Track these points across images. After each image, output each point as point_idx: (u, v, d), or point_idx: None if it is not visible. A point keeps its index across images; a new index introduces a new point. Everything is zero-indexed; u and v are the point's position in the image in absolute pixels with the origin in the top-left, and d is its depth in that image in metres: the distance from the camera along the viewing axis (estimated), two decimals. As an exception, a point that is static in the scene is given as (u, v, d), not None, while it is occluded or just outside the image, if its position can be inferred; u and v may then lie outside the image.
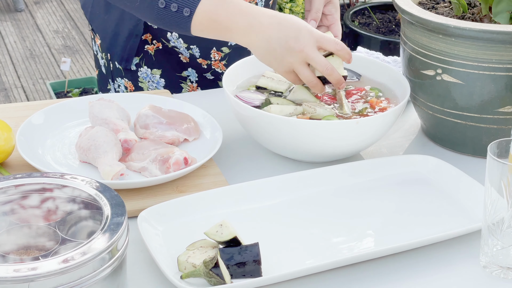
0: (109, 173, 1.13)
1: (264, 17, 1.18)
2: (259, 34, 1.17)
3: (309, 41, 1.16)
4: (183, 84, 1.53)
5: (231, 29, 1.19)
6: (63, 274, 0.84)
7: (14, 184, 0.98)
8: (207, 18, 1.19)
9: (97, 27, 1.54)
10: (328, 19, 1.48)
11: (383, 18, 3.65)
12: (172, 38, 1.47)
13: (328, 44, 1.18)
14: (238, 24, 1.18)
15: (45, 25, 4.48)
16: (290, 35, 1.16)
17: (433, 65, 1.22)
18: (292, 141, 1.18)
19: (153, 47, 1.49)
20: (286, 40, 1.16)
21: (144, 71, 1.51)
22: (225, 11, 1.18)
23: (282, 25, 1.17)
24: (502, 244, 0.99)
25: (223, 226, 0.99)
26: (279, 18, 1.17)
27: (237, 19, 1.18)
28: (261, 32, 1.17)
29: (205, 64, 1.50)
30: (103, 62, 1.57)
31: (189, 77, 1.52)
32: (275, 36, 1.16)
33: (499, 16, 1.21)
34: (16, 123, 1.29)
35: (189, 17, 1.17)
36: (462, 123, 1.23)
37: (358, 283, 0.99)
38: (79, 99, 1.35)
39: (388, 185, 1.17)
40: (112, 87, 1.57)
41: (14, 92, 3.76)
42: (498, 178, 0.96)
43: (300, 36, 1.16)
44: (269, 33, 1.17)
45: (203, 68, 1.51)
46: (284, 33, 1.16)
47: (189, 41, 1.47)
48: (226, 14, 1.18)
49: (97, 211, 0.96)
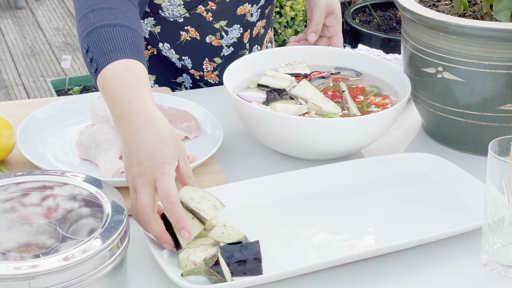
0: (109, 170, 1.13)
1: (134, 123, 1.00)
2: (122, 131, 1.01)
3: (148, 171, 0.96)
4: (178, 90, 1.52)
5: (111, 108, 1.04)
6: (64, 272, 0.84)
7: (14, 181, 0.98)
8: (101, 85, 1.05)
9: None
10: (329, 30, 1.48)
11: (384, 15, 3.65)
12: (163, 48, 1.47)
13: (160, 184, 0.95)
14: (117, 109, 1.02)
15: (46, 23, 4.48)
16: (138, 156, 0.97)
17: (434, 63, 1.21)
18: (292, 139, 1.18)
19: (148, 52, 1.49)
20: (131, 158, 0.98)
21: None
22: (113, 89, 1.04)
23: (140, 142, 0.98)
24: (503, 242, 0.99)
25: (228, 227, 0.98)
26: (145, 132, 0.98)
27: (114, 106, 1.03)
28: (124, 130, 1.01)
29: (198, 75, 1.50)
30: None
31: (184, 83, 1.52)
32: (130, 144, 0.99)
33: (500, 14, 1.20)
34: (16, 120, 1.29)
35: (95, 73, 1.07)
36: (463, 121, 1.23)
37: (359, 280, 0.99)
38: (79, 96, 1.35)
39: (388, 183, 1.17)
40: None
41: (15, 90, 3.76)
42: (499, 176, 0.96)
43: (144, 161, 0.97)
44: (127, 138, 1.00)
45: (196, 78, 1.51)
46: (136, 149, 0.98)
47: (181, 52, 1.47)
48: (109, 93, 1.04)
49: (97, 208, 0.96)
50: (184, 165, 0.99)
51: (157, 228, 0.96)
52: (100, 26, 1.09)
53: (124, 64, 1.06)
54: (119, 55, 1.07)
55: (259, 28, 1.52)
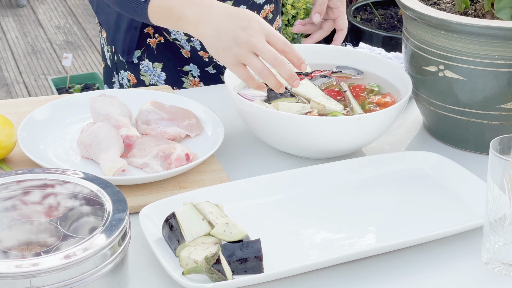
0: (110, 169, 1.13)
1: (216, 8, 1.17)
2: (209, 25, 1.16)
3: (257, 31, 1.14)
4: (185, 78, 1.53)
5: (181, 18, 1.19)
6: (65, 270, 0.84)
7: (15, 180, 0.98)
8: (161, 6, 1.20)
9: (102, 20, 1.55)
10: (334, 12, 1.47)
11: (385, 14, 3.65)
12: (173, 30, 1.47)
13: (277, 41, 1.15)
14: (189, 15, 1.18)
15: (47, 21, 4.48)
16: (239, 25, 1.14)
17: (435, 61, 1.21)
18: (293, 138, 1.18)
19: (155, 40, 1.49)
20: (234, 30, 1.14)
21: (145, 64, 1.52)
22: (178, 0, 1.19)
23: (232, 16, 1.15)
24: (504, 241, 0.99)
25: (230, 225, 0.98)
26: (231, 10, 1.16)
27: (188, 9, 1.18)
28: (211, 22, 1.16)
29: (207, 57, 1.50)
30: (108, 55, 1.58)
31: (191, 72, 1.52)
32: (224, 27, 1.15)
33: (501, 12, 1.20)
34: (17, 118, 1.29)
35: (146, 2, 1.19)
36: (464, 119, 1.23)
37: (360, 279, 0.99)
38: (80, 94, 1.34)
39: (390, 181, 1.17)
40: (116, 80, 1.58)
41: (16, 88, 3.76)
42: (500, 175, 0.96)
43: (248, 27, 1.14)
44: (218, 24, 1.15)
45: (205, 61, 1.51)
46: (233, 23, 1.15)
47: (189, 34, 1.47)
48: (179, 3, 1.19)
49: (98, 207, 0.96)
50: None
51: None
52: None
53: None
54: None
55: (266, 12, 1.52)
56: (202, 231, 0.99)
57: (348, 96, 1.26)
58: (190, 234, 0.99)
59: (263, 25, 1.14)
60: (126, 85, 1.55)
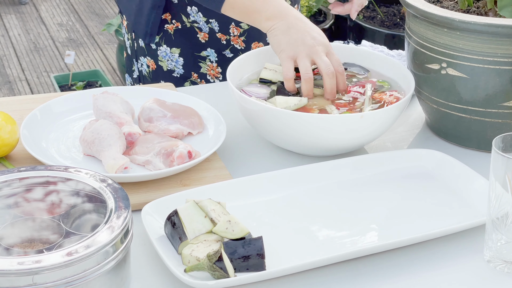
0: (113, 166, 1.13)
1: (293, 12, 1.29)
2: (284, 22, 1.27)
3: (322, 44, 1.25)
4: (202, 63, 1.54)
5: (260, 11, 1.29)
6: (67, 267, 0.84)
7: (18, 177, 0.98)
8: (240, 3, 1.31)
9: (123, 7, 1.57)
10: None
11: (388, 11, 3.64)
12: (192, 12, 1.48)
13: (334, 60, 1.26)
14: (269, 9, 1.29)
15: (49, 18, 4.48)
16: (310, 32, 1.26)
17: (438, 59, 1.21)
18: (296, 135, 1.18)
19: (173, 26, 1.51)
20: (304, 33, 1.25)
21: (163, 50, 1.53)
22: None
23: (306, 23, 1.27)
24: (506, 239, 0.99)
25: (232, 223, 0.98)
26: (305, 18, 1.29)
27: (270, 5, 1.29)
28: (287, 21, 1.27)
29: (224, 40, 1.51)
30: (129, 43, 1.61)
31: (209, 57, 1.53)
32: (297, 27, 1.26)
33: (504, 10, 1.20)
34: (20, 116, 1.29)
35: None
36: (466, 117, 1.23)
37: (362, 277, 0.99)
38: (83, 92, 1.35)
39: (392, 179, 1.17)
40: (136, 68, 1.60)
41: (18, 85, 3.77)
42: (502, 173, 0.96)
43: (316, 37, 1.26)
44: (293, 23, 1.26)
45: (222, 44, 1.52)
46: (305, 28, 1.26)
47: (208, 15, 1.49)
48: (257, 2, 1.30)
49: (101, 204, 0.96)
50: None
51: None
52: None
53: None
54: None
55: None
56: (204, 228, 0.99)
57: (366, 99, 1.25)
58: (192, 232, 0.99)
59: (328, 43, 1.27)
60: (145, 71, 1.57)
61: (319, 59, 1.24)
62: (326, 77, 1.23)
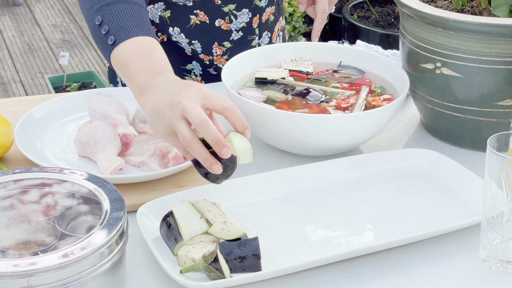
0: (108, 167, 1.13)
1: (164, 80, 1.06)
2: (152, 94, 1.05)
3: (192, 94, 1.01)
4: (187, 77, 1.53)
5: (132, 80, 1.09)
6: (63, 269, 0.84)
7: (13, 179, 0.98)
8: (121, 59, 1.11)
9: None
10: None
11: (382, 11, 3.65)
12: (173, 33, 1.47)
13: (214, 101, 1.00)
14: (140, 80, 1.08)
15: (44, 19, 4.47)
16: (176, 90, 1.02)
17: (432, 58, 1.21)
18: (291, 135, 1.18)
19: (158, 39, 1.49)
20: (171, 95, 1.02)
21: None
22: (136, 62, 1.10)
23: (175, 84, 1.04)
24: (502, 238, 0.99)
25: (228, 223, 0.98)
26: (177, 80, 1.06)
27: (141, 75, 1.08)
28: (155, 91, 1.05)
29: (207, 60, 1.51)
30: None
31: (194, 70, 1.52)
32: (164, 93, 1.03)
33: (498, 9, 1.20)
34: (14, 117, 1.29)
35: (112, 45, 1.13)
36: (461, 116, 1.23)
37: (358, 276, 0.99)
38: (77, 93, 1.34)
39: (387, 178, 1.17)
40: (120, 79, 1.58)
41: (13, 87, 3.76)
42: (497, 172, 0.96)
43: (184, 91, 1.01)
44: (160, 92, 1.04)
45: (206, 63, 1.52)
46: (172, 89, 1.03)
47: (190, 37, 1.48)
48: (137, 65, 1.09)
49: (96, 206, 0.95)
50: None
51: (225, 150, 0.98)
52: (115, 2, 1.14)
53: (144, 40, 1.12)
54: (138, 32, 1.13)
55: (268, 14, 1.53)
56: (200, 229, 0.99)
57: (359, 100, 1.25)
58: (188, 233, 0.99)
59: (201, 89, 1.01)
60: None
61: (187, 113, 0.98)
62: (200, 128, 0.98)
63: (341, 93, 1.28)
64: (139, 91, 1.07)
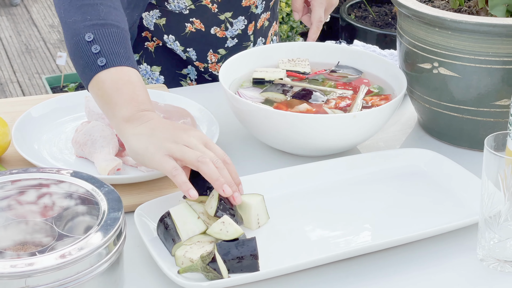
0: (105, 168, 1.13)
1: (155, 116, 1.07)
2: (145, 126, 1.05)
3: (197, 137, 1.03)
4: (183, 81, 1.53)
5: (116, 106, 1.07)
6: (60, 269, 0.84)
7: (10, 179, 0.97)
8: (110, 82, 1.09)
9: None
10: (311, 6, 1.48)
11: (379, 11, 3.65)
12: (168, 40, 1.47)
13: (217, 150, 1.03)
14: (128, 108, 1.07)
15: (41, 20, 4.47)
16: (180, 128, 1.04)
17: (429, 58, 1.21)
18: (289, 135, 1.18)
19: (153, 44, 1.49)
20: (174, 130, 1.03)
21: (143, 68, 1.52)
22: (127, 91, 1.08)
23: (172, 123, 1.06)
24: (499, 237, 0.99)
25: (226, 224, 0.98)
26: (172, 122, 1.07)
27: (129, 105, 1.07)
28: (149, 123, 1.05)
29: (202, 67, 1.51)
30: None
31: (189, 75, 1.52)
32: (162, 127, 1.04)
33: (495, 9, 1.20)
34: (12, 118, 1.29)
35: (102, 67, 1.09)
36: (458, 116, 1.23)
37: (355, 276, 0.99)
38: (75, 93, 1.34)
39: (385, 178, 1.17)
40: None
41: (10, 87, 3.76)
42: (495, 171, 0.96)
43: (189, 131, 1.04)
44: (157, 125, 1.04)
45: (201, 70, 1.52)
46: (174, 126, 1.05)
47: (185, 44, 1.48)
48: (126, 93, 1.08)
49: (93, 206, 0.95)
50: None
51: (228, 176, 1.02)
52: (110, 25, 1.11)
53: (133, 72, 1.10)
54: (128, 62, 1.10)
55: (263, 20, 1.53)
56: (198, 229, 0.99)
57: (357, 99, 1.25)
58: (185, 233, 0.98)
59: (204, 135, 1.04)
60: None
61: (192, 145, 1.01)
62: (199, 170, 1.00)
63: (338, 93, 1.28)
64: (125, 119, 1.06)
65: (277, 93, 1.26)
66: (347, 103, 1.25)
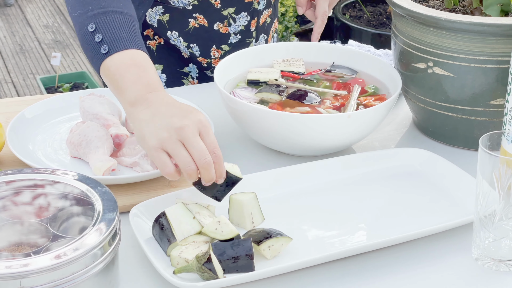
0: (100, 168, 1.13)
1: (158, 98, 1.07)
2: (147, 109, 1.06)
3: (193, 122, 1.03)
4: (185, 80, 1.53)
5: (124, 91, 1.09)
6: (55, 270, 0.84)
7: (5, 180, 0.97)
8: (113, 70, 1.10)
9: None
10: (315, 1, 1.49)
11: (374, 11, 3.65)
12: (172, 36, 1.48)
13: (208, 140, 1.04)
14: (133, 92, 1.08)
15: (35, 20, 4.46)
16: (177, 113, 1.04)
17: (424, 58, 1.22)
18: (284, 135, 1.18)
19: (155, 42, 1.50)
20: (170, 117, 1.04)
21: None
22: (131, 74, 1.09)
23: (173, 106, 1.06)
24: (494, 237, 0.99)
25: (222, 223, 0.98)
26: (175, 102, 1.07)
27: (135, 87, 1.08)
28: (150, 108, 1.06)
29: (205, 63, 1.51)
30: None
31: (191, 73, 1.53)
32: (161, 113, 1.05)
33: (490, 8, 1.21)
34: (6, 118, 1.29)
35: (105, 55, 1.11)
36: (453, 116, 1.24)
37: (351, 276, 0.99)
38: (69, 94, 1.34)
39: (380, 178, 1.17)
40: None
41: (4, 88, 3.75)
42: (489, 171, 0.96)
43: (185, 117, 1.04)
44: (156, 110, 1.05)
45: (204, 66, 1.52)
46: (171, 111, 1.05)
47: (189, 40, 1.48)
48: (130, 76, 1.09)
49: (88, 207, 0.95)
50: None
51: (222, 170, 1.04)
52: (111, 12, 1.12)
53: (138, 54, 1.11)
54: (132, 45, 1.11)
55: (265, 17, 1.54)
56: (193, 229, 0.99)
57: (351, 100, 1.25)
58: (181, 233, 0.98)
59: (202, 119, 1.04)
60: None
61: (190, 146, 1.02)
62: (202, 169, 1.02)
63: (333, 93, 1.28)
64: (130, 103, 1.07)
65: (272, 94, 1.26)
66: (341, 103, 1.25)
